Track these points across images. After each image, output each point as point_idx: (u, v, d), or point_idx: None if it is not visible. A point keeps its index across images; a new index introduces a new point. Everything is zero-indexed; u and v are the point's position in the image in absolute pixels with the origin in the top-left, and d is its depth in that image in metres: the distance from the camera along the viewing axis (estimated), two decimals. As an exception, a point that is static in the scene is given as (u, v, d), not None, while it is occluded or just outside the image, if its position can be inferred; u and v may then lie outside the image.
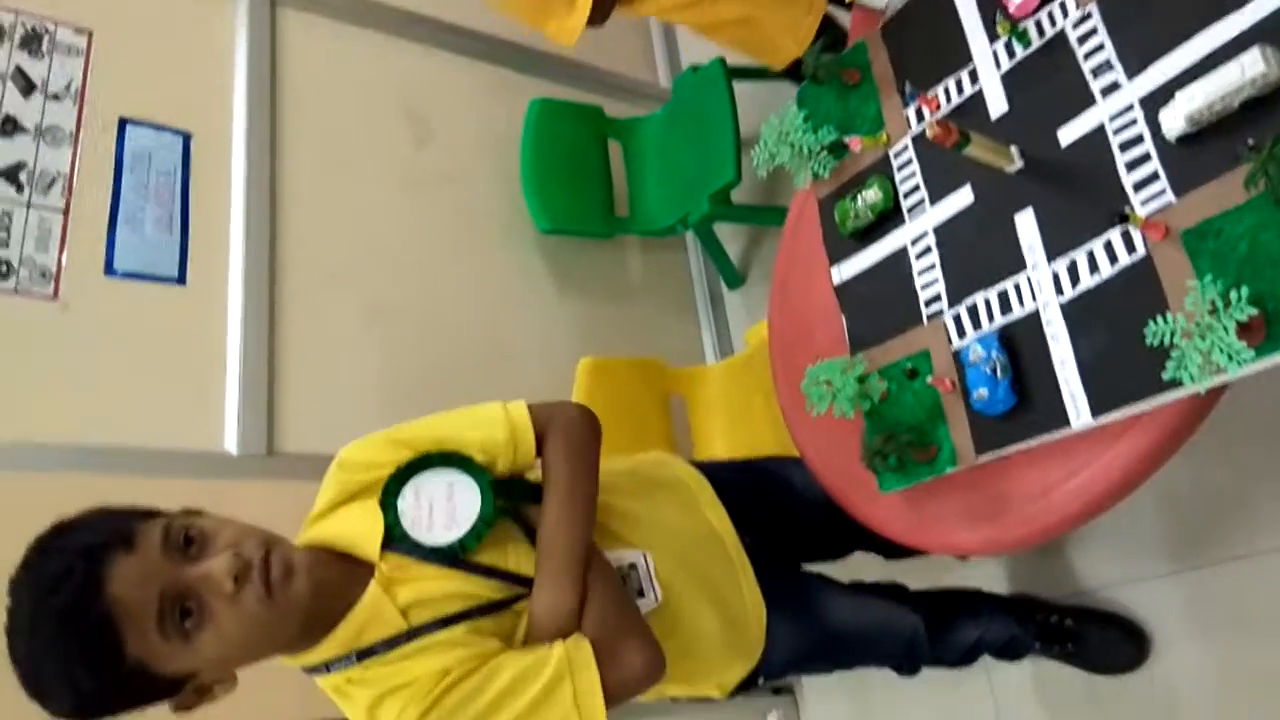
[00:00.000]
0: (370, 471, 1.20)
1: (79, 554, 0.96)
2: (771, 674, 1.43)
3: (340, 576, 1.11)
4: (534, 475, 1.27)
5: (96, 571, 0.95)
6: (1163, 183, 1.02)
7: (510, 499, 1.20)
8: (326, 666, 1.10)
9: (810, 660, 1.56)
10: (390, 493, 1.16)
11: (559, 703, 1.07)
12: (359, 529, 1.15)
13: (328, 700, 1.15)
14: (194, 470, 1.93)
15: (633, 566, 1.24)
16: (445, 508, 1.15)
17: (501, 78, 2.81)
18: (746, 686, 1.42)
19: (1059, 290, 1.10)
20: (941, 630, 1.66)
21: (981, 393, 1.12)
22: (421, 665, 1.09)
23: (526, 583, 1.15)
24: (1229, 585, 1.70)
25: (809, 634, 1.46)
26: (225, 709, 1.08)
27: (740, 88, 2.49)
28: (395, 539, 1.13)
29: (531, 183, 2.60)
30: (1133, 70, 1.07)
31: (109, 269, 2.04)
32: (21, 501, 1.77)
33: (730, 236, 2.85)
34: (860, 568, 1.73)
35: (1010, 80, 1.19)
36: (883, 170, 1.33)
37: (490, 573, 1.14)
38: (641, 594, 1.23)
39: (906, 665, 1.67)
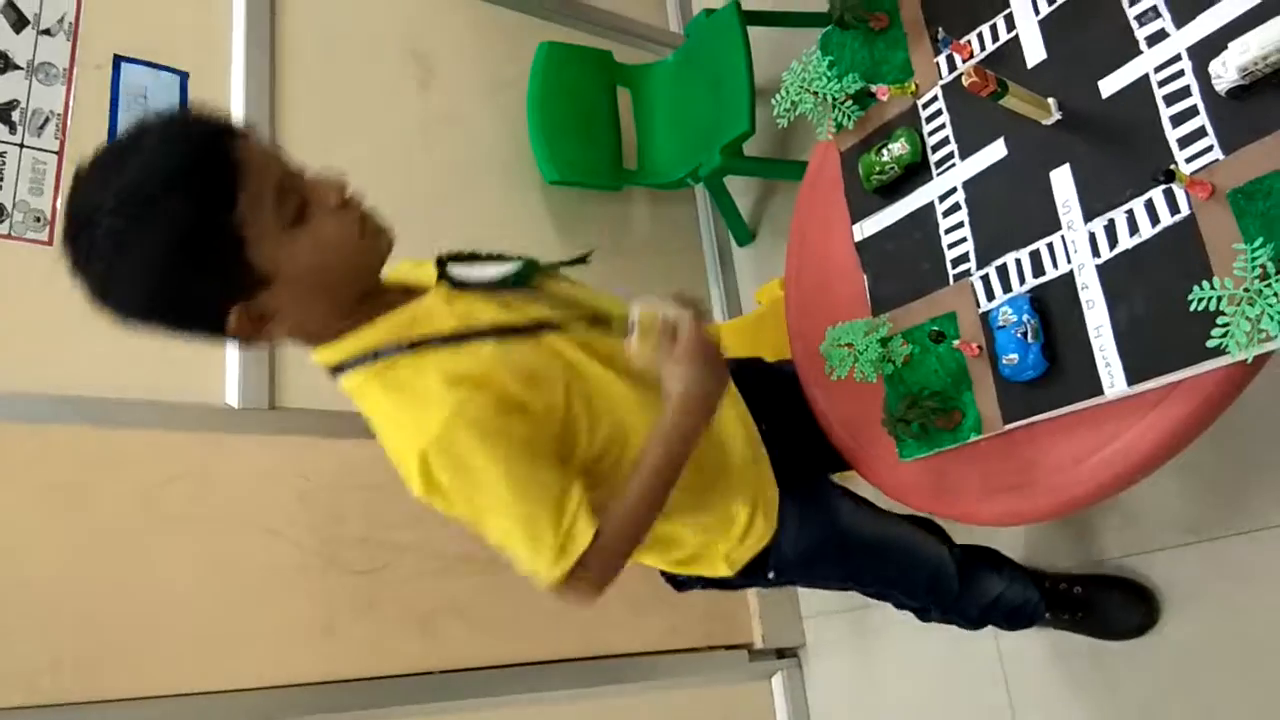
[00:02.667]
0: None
1: (211, 116, 0.97)
2: (781, 567, 1.35)
3: (397, 285, 1.13)
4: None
5: (230, 130, 0.96)
6: (1210, 138, 0.97)
7: None
8: (375, 354, 1.07)
9: (824, 559, 1.45)
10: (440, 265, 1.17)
11: (544, 544, 1.06)
12: (412, 275, 1.17)
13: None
14: (194, 423, 1.89)
15: None
16: (495, 267, 1.17)
17: (508, 19, 2.72)
18: (754, 574, 1.34)
19: (1095, 252, 1.05)
20: (967, 576, 1.60)
21: (1011, 358, 1.08)
22: (489, 363, 1.07)
23: (586, 309, 1.17)
24: (1246, 558, 1.66)
25: (819, 529, 1.38)
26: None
27: (756, 34, 2.40)
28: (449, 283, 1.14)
29: (539, 132, 2.52)
30: (1182, 18, 1.01)
31: (105, 214, 1.98)
32: (15, 453, 1.75)
33: (741, 191, 2.78)
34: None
35: (1049, 26, 1.13)
36: (910, 122, 1.27)
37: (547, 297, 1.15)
38: None
39: (933, 601, 1.60)
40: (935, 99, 1.24)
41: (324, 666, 1.84)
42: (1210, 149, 0.97)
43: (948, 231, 1.21)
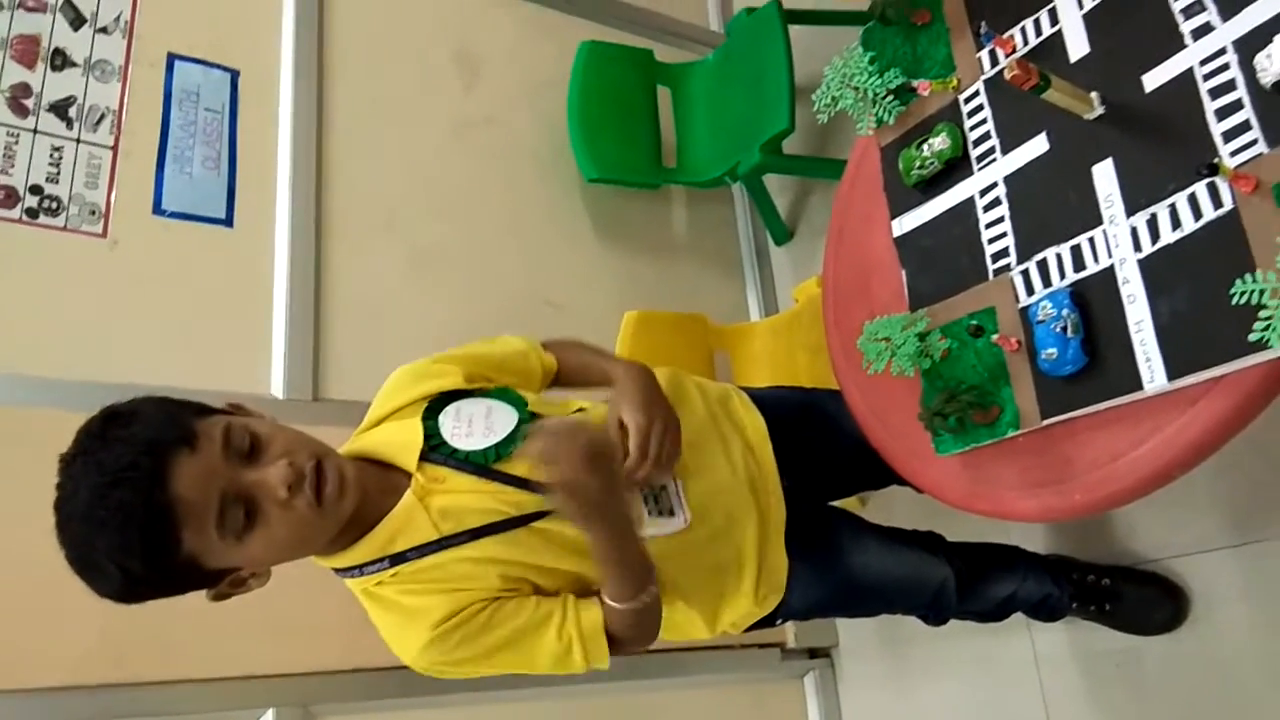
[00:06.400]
0: (420, 384, 1.24)
1: (144, 449, 0.96)
2: (790, 617, 1.44)
3: (378, 485, 1.14)
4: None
5: (161, 468, 0.96)
6: (1255, 132, 0.96)
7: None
8: (360, 569, 1.14)
9: (831, 607, 1.58)
10: (431, 412, 1.20)
11: (572, 664, 1.15)
12: (399, 440, 1.18)
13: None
14: (239, 412, 1.93)
15: (663, 487, 1.26)
16: (484, 423, 1.19)
17: (550, 19, 2.75)
18: (764, 625, 1.41)
19: (1137, 246, 1.04)
20: (974, 583, 1.62)
21: (1050, 352, 1.07)
22: (445, 586, 1.13)
23: None
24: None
25: (831, 583, 1.45)
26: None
27: (796, 32, 2.41)
28: (433, 449, 1.17)
29: (579, 130, 2.54)
30: (1227, 11, 1.00)
31: (157, 208, 2.03)
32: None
33: (778, 190, 2.78)
34: (897, 510, 1.70)
35: (1093, 20, 1.12)
36: (951, 117, 1.26)
37: (524, 484, 1.16)
38: (672, 513, 1.26)
39: (932, 615, 1.64)
40: (977, 94, 1.24)
41: (357, 655, 1.87)
42: (1255, 143, 0.96)
43: (988, 226, 1.21)
